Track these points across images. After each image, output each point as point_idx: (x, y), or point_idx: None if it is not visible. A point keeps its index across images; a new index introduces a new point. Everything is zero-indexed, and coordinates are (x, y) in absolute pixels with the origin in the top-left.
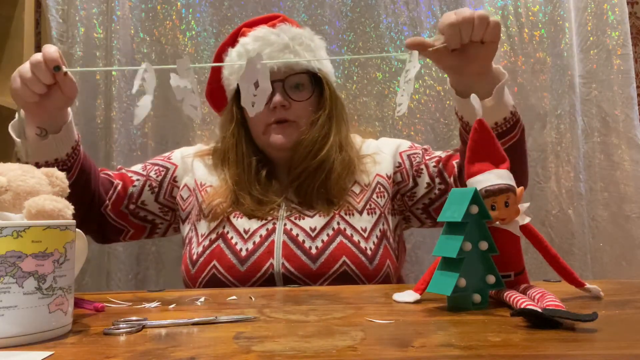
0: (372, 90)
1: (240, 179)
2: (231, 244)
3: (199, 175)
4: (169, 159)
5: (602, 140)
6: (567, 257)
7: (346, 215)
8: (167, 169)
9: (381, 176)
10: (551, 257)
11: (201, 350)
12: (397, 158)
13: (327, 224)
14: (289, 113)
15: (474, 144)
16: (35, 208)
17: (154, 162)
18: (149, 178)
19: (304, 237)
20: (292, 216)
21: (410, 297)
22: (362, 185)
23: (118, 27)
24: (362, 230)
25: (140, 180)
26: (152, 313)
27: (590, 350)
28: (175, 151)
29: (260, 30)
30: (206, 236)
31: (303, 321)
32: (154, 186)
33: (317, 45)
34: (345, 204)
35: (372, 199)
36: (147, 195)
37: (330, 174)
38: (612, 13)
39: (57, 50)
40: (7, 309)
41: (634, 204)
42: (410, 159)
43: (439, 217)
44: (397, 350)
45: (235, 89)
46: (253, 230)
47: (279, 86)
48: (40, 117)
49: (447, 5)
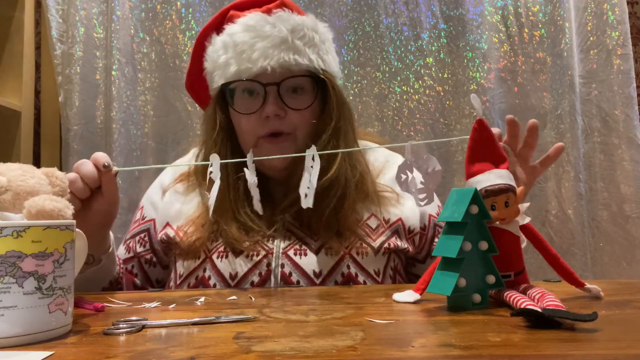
0: (372, 90)
1: (222, 201)
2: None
3: (172, 215)
4: (143, 220)
5: (602, 140)
6: (567, 257)
7: (358, 255)
8: (147, 231)
9: (403, 223)
10: (551, 257)
11: (201, 350)
12: (425, 219)
13: (334, 267)
14: (284, 124)
15: (474, 144)
16: (35, 208)
17: (132, 233)
18: (139, 255)
19: (307, 285)
20: (290, 249)
21: (410, 297)
22: (381, 220)
23: (118, 27)
24: (376, 273)
25: (135, 266)
26: (152, 313)
27: (590, 350)
28: (143, 205)
29: (252, 17)
30: (184, 278)
31: (303, 321)
32: (149, 259)
33: (321, 38)
34: (358, 240)
35: (392, 240)
36: (152, 271)
37: (344, 200)
38: (612, 13)
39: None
40: (7, 309)
41: (634, 204)
42: (435, 230)
43: (439, 217)
44: (397, 350)
45: (219, 89)
46: (241, 275)
47: (273, 91)
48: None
49: (447, 5)
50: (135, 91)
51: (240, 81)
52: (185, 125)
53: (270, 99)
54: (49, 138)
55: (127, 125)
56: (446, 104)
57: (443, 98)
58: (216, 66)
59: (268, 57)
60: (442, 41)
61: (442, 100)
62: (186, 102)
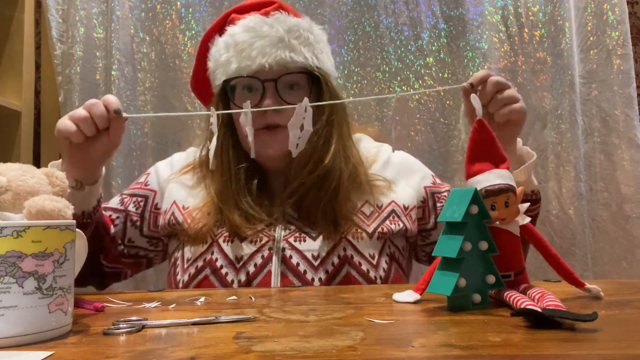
0: (372, 90)
1: (225, 190)
2: (221, 274)
3: (179, 198)
4: (146, 185)
5: (602, 140)
6: (567, 257)
7: (354, 239)
8: (145, 197)
9: (397, 204)
10: (551, 257)
11: (201, 350)
12: (421, 192)
13: (332, 249)
14: (280, 117)
15: (474, 144)
16: (35, 208)
17: (132, 192)
18: (129, 213)
19: (306, 267)
20: (290, 236)
21: (410, 297)
22: (374, 206)
23: (118, 27)
24: (371, 257)
25: (120, 218)
26: (152, 313)
27: (590, 350)
28: (151, 172)
29: (251, 19)
30: (192, 262)
31: (303, 321)
32: (134, 220)
33: (316, 39)
34: (353, 226)
35: (385, 225)
36: (131, 231)
37: (338, 190)
38: (612, 13)
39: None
40: (7, 309)
41: (634, 204)
42: (434, 198)
43: (439, 217)
44: (397, 350)
45: (221, 86)
46: (246, 258)
47: (270, 87)
48: (80, 165)
49: (447, 5)
50: (135, 91)
51: (241, 77)
52: (185, 125)
53: (268, 94)
54: (49, 138)
55: (127, 125)
56: (446, 104)
57: (443, 98)
58: (218, 64)
59: (266, 55)
60: (442, 41)
61: (442, 100)
62: (186, 102)
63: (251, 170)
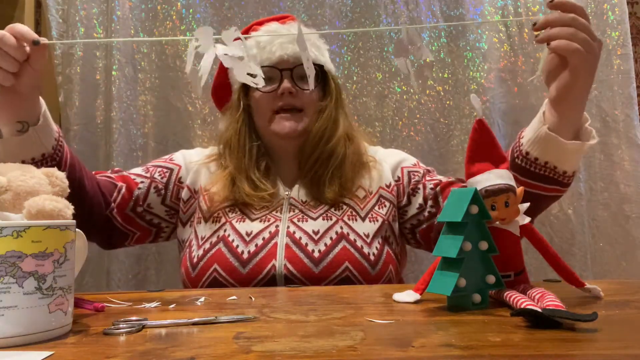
0: (372, 90)
1: (239, 162)
2: (232, 246)
3: (204, 181)
4: (172, 160)
5: (602, 140)
6: (567, 257)
7: (349, 220)
8: (170, 170)
9: (383, 188)
10: (551, 257)
11: (201, 350)
12: (397, 172)
13: (330, 227)
14: (296, 100)
15: (474, 144)
16: (35, 208)
17: (156, 164)
18: (154, 180)
19: (307, 240)
20: (294, 217)
21: (410, 297)
22: (367, 191)
23: (118, 27)
24: (365, 235)
25: (145, 183)
26: (152, 313)
27: (590, 350)
28: (175, 153)
29: (271, 25)
30: (207, 239)
31: (303, 321)
32: (159, 188)
33: (321, 47)
34: (349, 208)
35: (374, 210)
36: (153, 197)
37: (344, 160)
38: (612, 13)
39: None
40: (7, 309)
41: (634, 204)
42: (410, 176)
43: (438, 217)
44: (397, 350)
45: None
46: (255, 232)
47: (287, 74)
48: (16, 107)
49: (447, 5)
50: (135, 91)
51: (263, 67)
52: (186, 125)
53: (285, 80)
54: None
55: (127, 125)
56: (446, 103)
57: (443, 98)
58: None
59: (284, 49)
60: (442, 41)
61: (442, 100)
62: (186, 102)
63: (262, 153)
